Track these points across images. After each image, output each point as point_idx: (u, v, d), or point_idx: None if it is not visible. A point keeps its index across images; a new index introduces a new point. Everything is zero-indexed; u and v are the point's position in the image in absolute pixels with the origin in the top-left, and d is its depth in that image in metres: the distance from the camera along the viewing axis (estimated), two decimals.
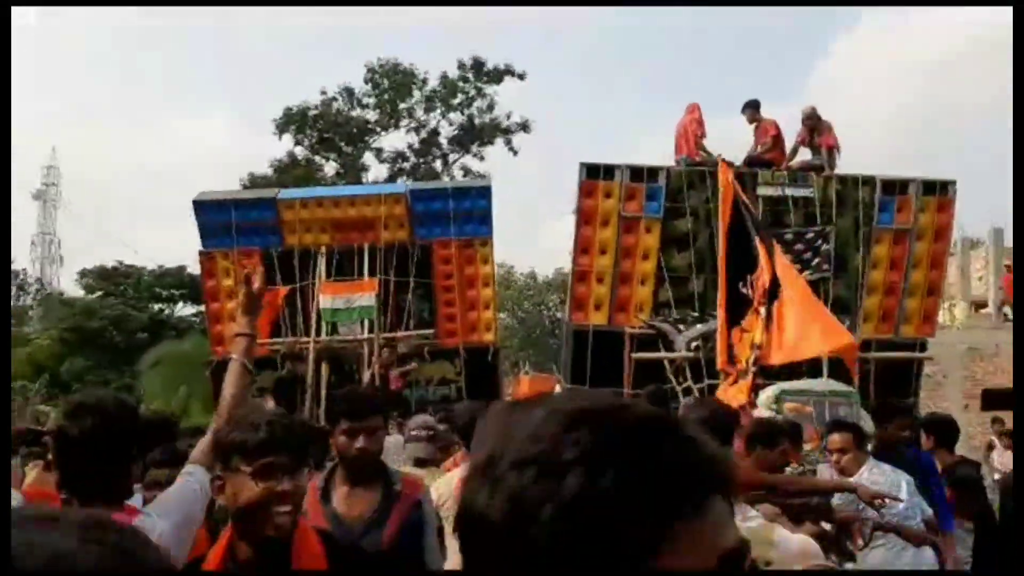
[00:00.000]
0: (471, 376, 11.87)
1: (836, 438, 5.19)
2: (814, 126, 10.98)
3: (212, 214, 12.19)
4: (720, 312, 9.43)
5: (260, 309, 2.22)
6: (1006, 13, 5.86)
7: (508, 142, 30.31)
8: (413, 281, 12.03)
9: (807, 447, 7.90)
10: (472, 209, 12.12)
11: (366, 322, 11.76)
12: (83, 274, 34.14)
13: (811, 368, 9.67)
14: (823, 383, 9.11)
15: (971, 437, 14.72)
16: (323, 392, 10.83)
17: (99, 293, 32.80)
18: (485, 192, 12.54)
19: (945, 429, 6.11)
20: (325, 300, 11.52)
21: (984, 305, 24.79)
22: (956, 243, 27.58)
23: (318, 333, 11.68)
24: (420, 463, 5.16)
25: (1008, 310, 22.42)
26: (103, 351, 29.71)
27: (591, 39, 76.61)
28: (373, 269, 11.90)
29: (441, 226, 12.10)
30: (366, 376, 11.19)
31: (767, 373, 9.30)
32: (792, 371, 9.41)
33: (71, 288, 36.78)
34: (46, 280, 46.92)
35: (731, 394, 7.00)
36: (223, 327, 11.87)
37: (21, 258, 46.29)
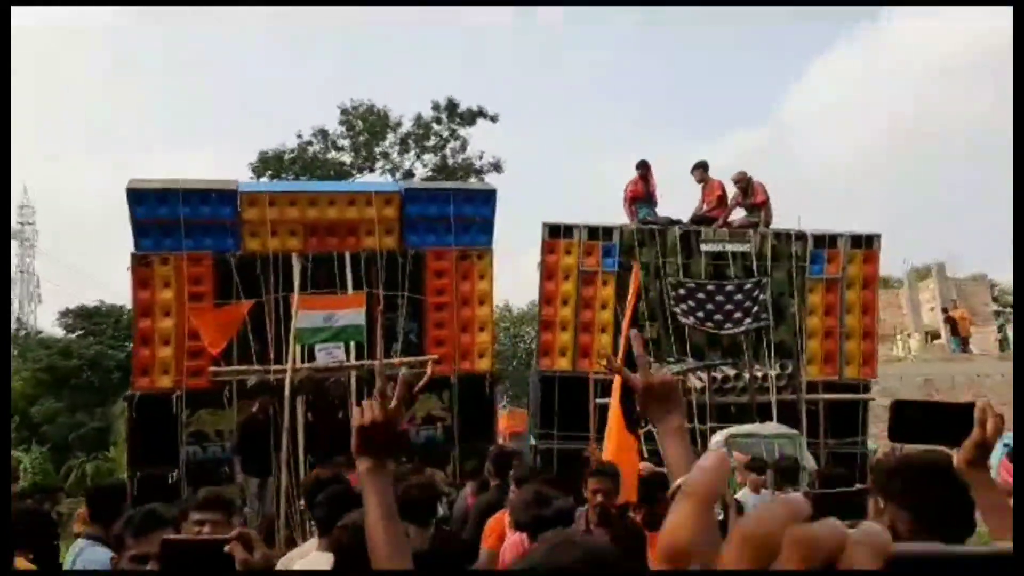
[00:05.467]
0: (462, 412, 10.38)
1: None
2: (745, 187, 12.03)
3: (153, 207, 10.02)
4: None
5: None
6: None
7: (480, 182, 31.33)
8: (404, 296, 10.41)
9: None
10: (474, 216, 10.82)
11: (352, 346, 9.96)
12: (64, 314, 34.32)
13: (761, 411, 10.68)
14: (771, 426, 10.08)
15: None
16: (300, 436, 9.23)
17: (78, 333, 32.97)
18: (489, 198, 11.13)
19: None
20: (302, 318, 9.71)
21: (938, 336, 26.02)
22: (903, 277, 29.08)
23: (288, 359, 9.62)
24: None
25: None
26: (78, 392, 29.43)
27: (564, 72, 78.14)
28: (357, 281, 10.22)
29: (437, 233, 10.68)
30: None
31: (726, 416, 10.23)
32: (743, 415, 10.40)
33: (51, 328, 36.89)
34: (24, 320, 47.00)
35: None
36: (152, 352, 10.03)
37: None
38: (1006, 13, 6.64)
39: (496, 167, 31.34)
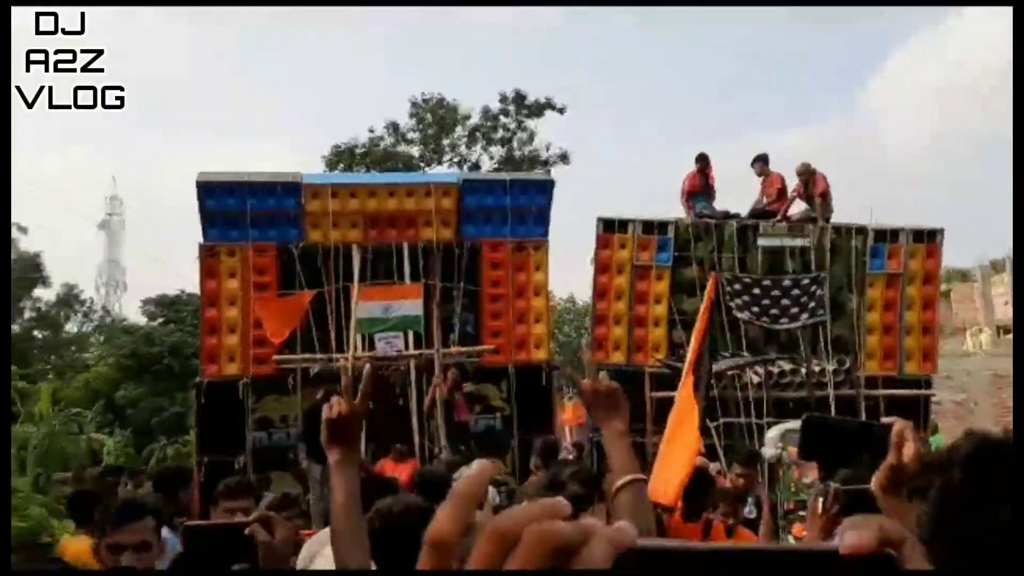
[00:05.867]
0: (520, 402, 10.52)
1: None
2: (808, 180, 11.84)
3: (221, 199, 10.33)
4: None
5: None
6: None
7: (547, 173, 31.38)
8: (460, 287, 10.56)
9: (807, 480, 8.83)
10: (530, 206, 10.88)
11: (411, 336, 10.30)
12: (146, 302, 35.63)
13: (819, 406, 10.61)
14: None
15: None
16: (362, 423, 9.46)
17: (160, 320, 34.20)
18: (546, 188, 11.19)
19: None
20: (362, 308, 9.92)
21: (1010, 331, 25.10)
22: (976, 271, 28.13)
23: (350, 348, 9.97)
24: None
25: None
26: (160, 378, 30.20)
27: (635, 67, 77.64)
28: (415, 272, 10.47)
29: (493, 224, 10.76)
30: (425, 402, 9.95)
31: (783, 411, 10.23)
32: (800, 411, 10.34)
33: (135, 317, 38.34)
34: (110, 307, 48.91)
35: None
36: (219, 340, 10.36)
37: (87, 286, 48.14)
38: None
39: (563, 158, 31.39)
